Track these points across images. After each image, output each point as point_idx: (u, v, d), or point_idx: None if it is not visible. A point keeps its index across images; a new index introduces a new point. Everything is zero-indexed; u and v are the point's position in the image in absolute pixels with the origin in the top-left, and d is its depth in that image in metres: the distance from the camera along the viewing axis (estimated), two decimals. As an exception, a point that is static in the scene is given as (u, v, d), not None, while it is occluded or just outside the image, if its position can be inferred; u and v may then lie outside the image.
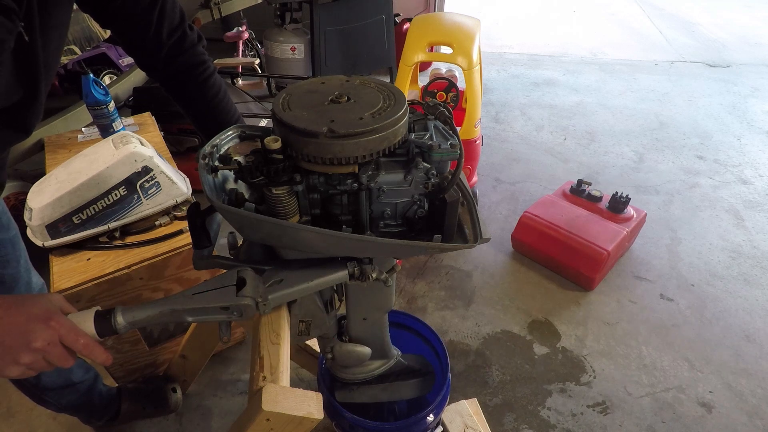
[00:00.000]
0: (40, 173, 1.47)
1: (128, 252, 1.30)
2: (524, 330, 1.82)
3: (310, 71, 3.27)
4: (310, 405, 0.73)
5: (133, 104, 2.27)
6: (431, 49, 2.14)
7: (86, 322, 0.66)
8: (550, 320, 1.85)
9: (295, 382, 1.60)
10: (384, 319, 1.00)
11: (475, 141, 2.15)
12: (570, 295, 1.96)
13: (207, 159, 0.74)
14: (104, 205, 1.27)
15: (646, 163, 2.84)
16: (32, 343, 0.59)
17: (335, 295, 0.96)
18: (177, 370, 1.48)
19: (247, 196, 0.79)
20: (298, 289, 0.77)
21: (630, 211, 2.07)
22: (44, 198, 1.23)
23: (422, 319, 1.26)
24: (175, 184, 1.37)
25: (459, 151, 0.73)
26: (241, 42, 3.45)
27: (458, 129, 0.89)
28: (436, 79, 2.50)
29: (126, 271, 1.25)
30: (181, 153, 2.31)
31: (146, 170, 1.30)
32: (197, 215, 0.80)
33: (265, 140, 0.68)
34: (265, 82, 3.37)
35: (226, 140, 0.80)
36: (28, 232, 1.27)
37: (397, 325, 1.26)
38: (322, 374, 1.15)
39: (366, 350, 1.03)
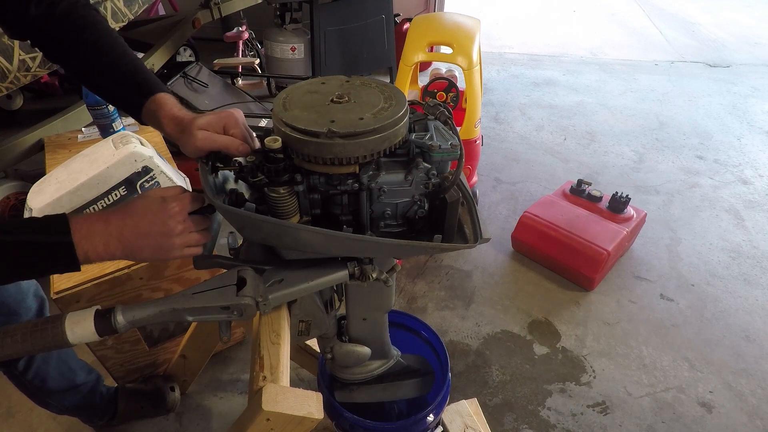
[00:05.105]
0: (40, 173, 1.47)
1: (128, 252, 1.29)
2: (524, 330, 1.82)
3: (310, 71, 3.27)
4: (310, 405, 0.73)
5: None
6: (431, 49, 2.14)
7: (86, 321, 0.66)
8: (550, 320, 1.85)
9: (295, 382, 1.60)
10: (384, 319, 1.00)
11: (475, 141, 2.15)
12: (570, 295, 1.96)
13: (207, 159, 0.74)
14: (104, 205, 1.27)
15: (646, 163, 2.84)
16: (169, 222, 0.67)
17: (335, 295, 0.96)
18: (177, 370, 1.48)
19: (247, 196, 0.79)
20: (298, 288, 0.77)
21: (630, 211, 2.07)
22: (44, 198, 1.22)
23: (422, 319, 1.26)
24: (175, 184, 1.37)
25: (459, 151, 0.73)
26: (241, 42, 3.45)
27: (458, 129, 0.89)
28: (436, 79, 2.50)
29: (126, 271, 1.25)
30: (181, 153, 2.31)
31: (146, 170, 1.29)
32: None
33: (266, 140, 0.68)
34: (265, 82, 3.37)
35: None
36: (28, 232, 1.27)
37: (397, 325, 1.26)
38: (322, 374, 1.15)
39: (366, 350, 1.03)
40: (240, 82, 3.19)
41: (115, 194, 1.27)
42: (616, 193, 2.07)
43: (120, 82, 0.80)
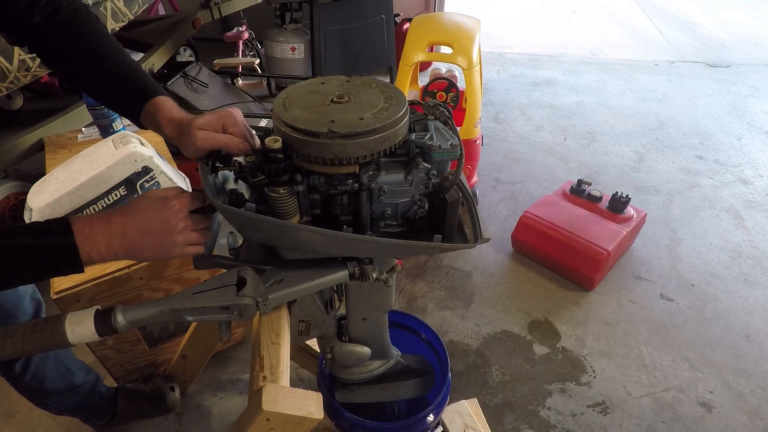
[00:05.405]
0: (40, 173, 1.47)
1: (128, 252, 1.29)
2: (524, 330, 1.82)
3: (310, 71, 3.27)
4: (310, 405, 0.73)
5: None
6: (431, 49, 2.14)
7: (86, 321, 0.66)
8: (550, 320, 1.85)
9: (295, 382, 1.60)
10: (384, 319, 1.00)
11: (475, 141, 2.15)
12: (570, 295, 1.96)
13: (207, 159, 0.74)
14: (104, 205, 1.27)
15: (646, 163, 2.84)
16: (171, 220, 0.67)
17: (335, 295, 0.96)
18: (177, 370, 1.48)
19: (247, 196, 0.79)
20: (298, 288, 0.77)
21: (630, 211, 2.07)
22: (44, 198, 1.22)
23: (422, 319, 1.26)
24: (175, 184, 1.37)
25: (459, 151, 0.73)
26: (241, 42, 3.45)
27: (458, 129, 0.89)
28: (436, 79, 2.50)
29: (126, 271, 1.25)
30: (181, 153, 2.31)
31: (146, 170, 1.29)
32: None
33: (266, 140, 0.68)
34: (265, 82, 3.37)
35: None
36: (28, 232, 1.27)
37: (397, 325, 1.26)
38: (322, 374, 1.15)
39: (366, 350, 1.03)
40: (240, 82, 3.19)
41: (115, 194, 1.27)
42: (616, 193, 2.07)
43: (119, 85, 0.80)
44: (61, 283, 1.19)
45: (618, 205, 2.06)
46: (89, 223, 0.64)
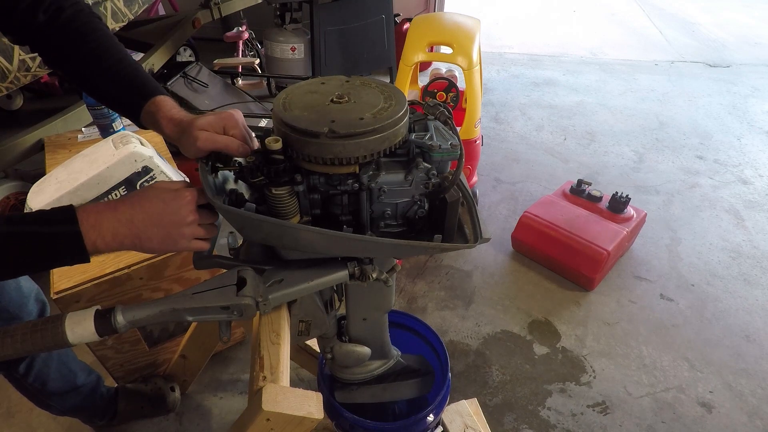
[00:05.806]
0: (40, 173, 1.47)
1: (128, 252, 1.29)
2: (524, 330, 1.82)
3: (310, 71, 3.27)
4: (310, 405, 0.73)
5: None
6: (431, 49, 2.14)
7: (86, 321, 0.66)
8: (550, 320, 1.85)
9: (295, 382, 1.60)
10: (384, 319, 1.00)
11: (475, 141, 2.15)
12: (570, 295, 1.96)
13: (207, 159, 0.74)
14: (104, 205, 1.26)
15: (646, 163, 2.84)
16: (180, 211, 0.67)
17: (335, 295, 0.96)
18: (177, 370, 1.48)
19: (247, 196, 0.79)
20: (298, 288, 0.77)
21: (630, 211, 2.07)
22: (44, 198, 1.23)
23: (422, 319, 1.26)
24: (175, 184, 1.37)
25: (459, 151, 0.73)
26: (241, 42, 3.45)
27: (458, 129, 0.89)
28: (436, 79, 2.50)
29: (126, 271, 1.25)
30: (181, 153, 2.31)
31: (146, 170, 1.30)
32: None
33: (266, 140, 0.68)
34: (265, 82, 3.38)
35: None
36: (28, 232, 1.27)
37: (397, 325, 1.26)
38: (322, 374, 1.15)
39: (366, 350, 1.03)
40: (240, 82, 3.19)
41: (115, 194, 1.27)
42: (616, 193, 2.07)
43: (119, 84, 0.80)
44: (61, 283, 1.19)
45: (618, 205, 2.06)
46: (95, 211, 0.63)
